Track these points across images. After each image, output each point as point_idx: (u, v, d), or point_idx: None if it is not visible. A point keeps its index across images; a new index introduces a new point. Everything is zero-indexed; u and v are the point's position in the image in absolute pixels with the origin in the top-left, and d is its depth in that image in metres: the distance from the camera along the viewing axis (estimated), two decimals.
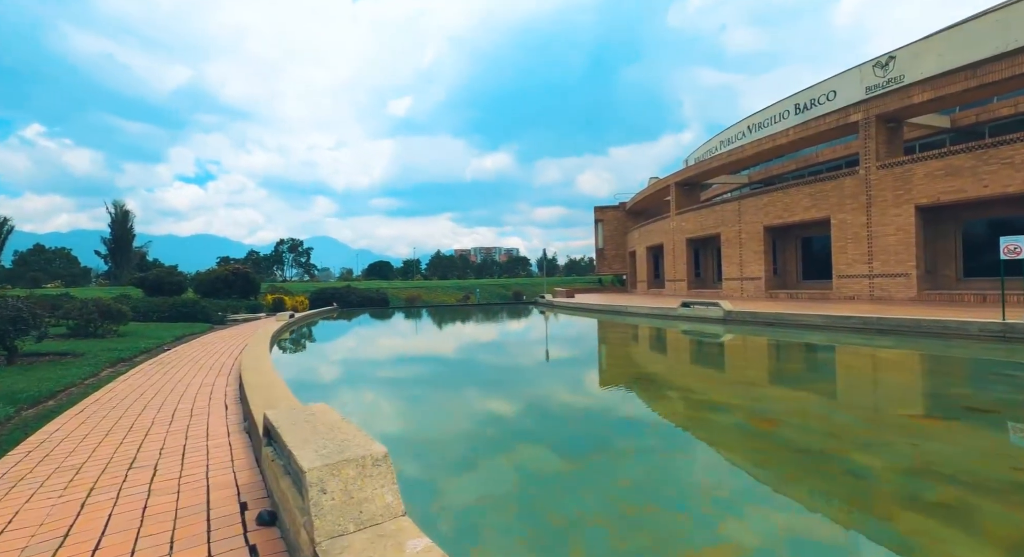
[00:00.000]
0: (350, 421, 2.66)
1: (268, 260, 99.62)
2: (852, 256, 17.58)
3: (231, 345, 10.85)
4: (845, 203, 17.76)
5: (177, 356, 9.28)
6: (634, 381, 7.17)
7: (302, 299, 28.65)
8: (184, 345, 11.08)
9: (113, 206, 53.56)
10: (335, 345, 13.27)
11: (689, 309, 14.60)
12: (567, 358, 9.54)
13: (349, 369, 9.17)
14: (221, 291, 25.69)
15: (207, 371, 7.36)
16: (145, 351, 10.10)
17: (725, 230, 24.48)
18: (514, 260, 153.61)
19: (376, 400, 6.73)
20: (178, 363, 8.27)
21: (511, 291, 76.83)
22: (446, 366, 9.38)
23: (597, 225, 46.19)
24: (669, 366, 8.26)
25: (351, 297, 36.35)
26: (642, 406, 5.93)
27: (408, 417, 5.81)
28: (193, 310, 17.11)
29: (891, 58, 20.83)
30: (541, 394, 6.49)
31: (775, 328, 11.53)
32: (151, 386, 6.22)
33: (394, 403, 6.52)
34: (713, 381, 7.00)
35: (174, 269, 30.63)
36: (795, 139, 20.15)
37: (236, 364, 7.96)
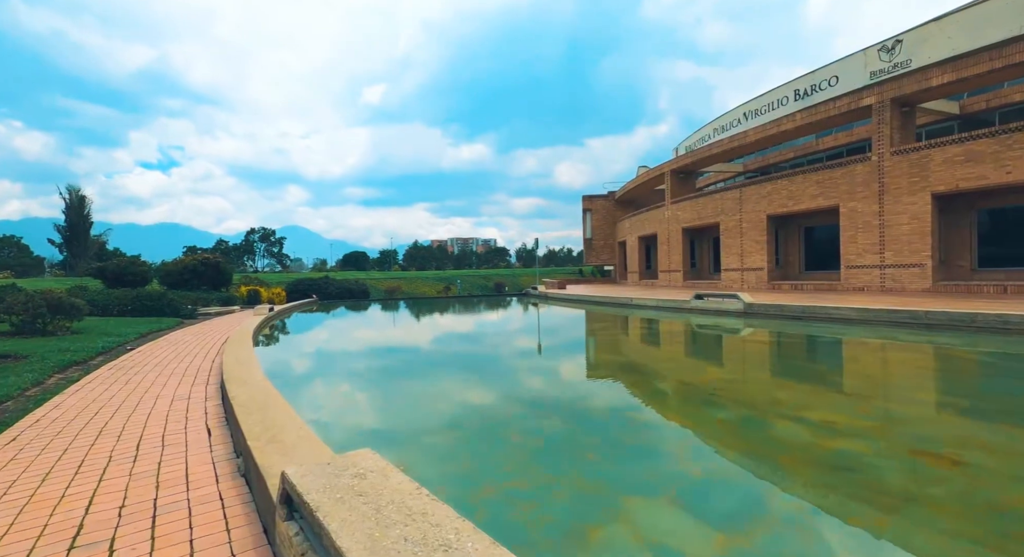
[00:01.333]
0: (422, 488, 1.69)
1: (238, 250, 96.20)
2: (862, 246, 17.17)
3: (206, 343, 9.63)
4: (856, 191, 17.31)
5: (142, 358, 8.06)
6: (698, 396, 5.79)
7: (279, 291, 27.13)
8: (150, 344, 9.81)
9: (68, 191, 50.31)
10: (326, 342, 12.06)
11: (703, 301, 13.90)
12: (594, 363, 8.31)
13: (353, 372, 8.00)
14: (190, 282, 24.02)
15: (180, 378, 6.22)
16: (104, 352, 8.83)
17: (725, 219, 23.95)
18: (493, 251, 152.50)
19: (395, 413, 5.67)
20: (143, 367, 7.09)
21: (493, 282, 75.86)
22: (454, 368, 8.39)
23: (585, 214, 45.48)
24: (727, 373, 7.07)
25: (330, 288, 34.83)
26: (738, 437, 4.21)
27: (439, 439, 4.84)
28: (159, 303, 15.65)
29: (897, 42, 20.43)
30: (574, 411, 5.41)
31: (804, 322, 10.86)
32: (109, 400, 5.08)
33: (416, 416, 5.50)
34: (802, 392, 5.79)
35: (137, 258, 28.64)
36: (802, 124, 19.61)
37: (215, 368, 6.83)
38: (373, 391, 6.81)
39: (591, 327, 14.01)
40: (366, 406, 6.02)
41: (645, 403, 5.61)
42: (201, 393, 5.32)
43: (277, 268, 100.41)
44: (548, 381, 7.03)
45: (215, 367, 6.99)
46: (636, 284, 34.73)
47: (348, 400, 6.30)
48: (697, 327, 11.80)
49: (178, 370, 6.79)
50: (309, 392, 6.69)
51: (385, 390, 6.76)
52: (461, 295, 39.06)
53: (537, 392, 6.36)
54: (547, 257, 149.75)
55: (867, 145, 22.69)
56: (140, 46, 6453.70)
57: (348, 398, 6.42)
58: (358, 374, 7.83)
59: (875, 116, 16.58)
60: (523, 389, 6.54)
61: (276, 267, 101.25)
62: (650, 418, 5.03)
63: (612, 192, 44.18)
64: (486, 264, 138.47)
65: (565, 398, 5.97)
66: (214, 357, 7.89)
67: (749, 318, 12.13)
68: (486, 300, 28.39)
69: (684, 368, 7.35)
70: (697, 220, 26.39)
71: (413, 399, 6.12)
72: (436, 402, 5.93)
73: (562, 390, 6.43)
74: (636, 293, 20.25)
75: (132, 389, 5.60)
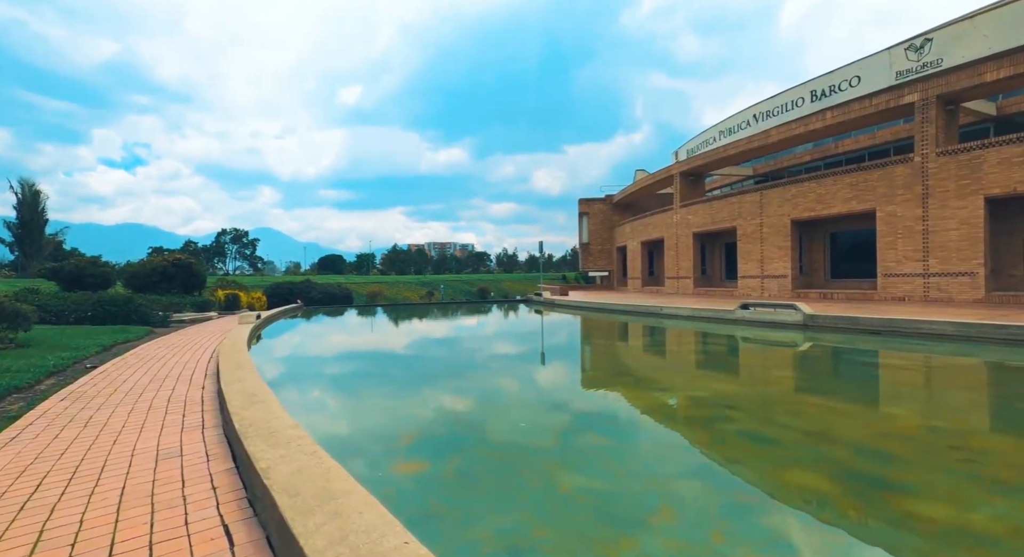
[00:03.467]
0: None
1: (208, 252, 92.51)
2: (902, 253, 16.30)
3: (188, 360, 7.91)
4: (895, 194, 16.46)
5: (107, 381, 6.34)
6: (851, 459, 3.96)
7: (259, 295, 25.09)
8: (116, 360, 8.04)
9: (20, 185, 46.89)
10: (349, 361, 10.14)
11: (749, 312, 12.71)
12: (663, 389, 6.75)
13: (416, 413, 5.81)
14: (159, 285, 21.86)
15: (161, 417, 4.60)
16: (56, 372, 7.07)
17: (743, 223, 23.02)
18: (473, 255, 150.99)
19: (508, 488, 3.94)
20: (109, 397, 5.41)
21: (476, 287, 74.48)
22: (506, 398, 6.86)
23: (582, 218, 44.37)
24: (858, 417, 5.22)
25: (312, 293, 32.82)
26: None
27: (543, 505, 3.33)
28: (125, 309, 13.71)
29: (927, 40, 19.83)
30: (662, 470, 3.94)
31: (883, 338, 9.70)
32: (58, 461, 3.45)
33: (517, 483, 3.94)
34: (980, 443, 4.30)
35: (98, 259, 26.23)
36: (832, 123, 18.78)
37: (210, 399, 5.20)
38: (460, 438, 4.87)
39: (632, 344, 12.18)
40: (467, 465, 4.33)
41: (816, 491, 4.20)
42: (197, 446, 3.72)
43: (248, 271, 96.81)
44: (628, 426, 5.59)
45: (208, 398, 5.36)
46: (639, 291, 33.66)
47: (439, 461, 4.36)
48: (758, 343, 10.50)
49: (158, 403, 5.14)
50: (368, 440, 4.95)
51: (476, 438, 4.90)
52: (460, 301, 37.42)
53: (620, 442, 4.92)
54: (528, 262, 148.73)
55: (891, 148, 22.11)
56: (105, 40, 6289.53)
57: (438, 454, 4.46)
58: (422, 412, 5.95)
59: (918, 114, 15.77)
60: (594, 429, 5.10)
61: (247, 270, 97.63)
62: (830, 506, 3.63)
63: (610, 195, 43.22)
64: (466, 269, 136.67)
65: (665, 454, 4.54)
66: (203, 382, 6.23)
67: (810, 332, 10.94)
68: (487, 307, 26.81)
69: (791, 405, 5.90)
70: (711, 224, 25.43)
71: (508, 460, 4.59)
72: (524, 454, 4.42)
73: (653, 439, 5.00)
74: (658, 301, 19.02)
75: (92, 438, 3.96)
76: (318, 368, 8.97)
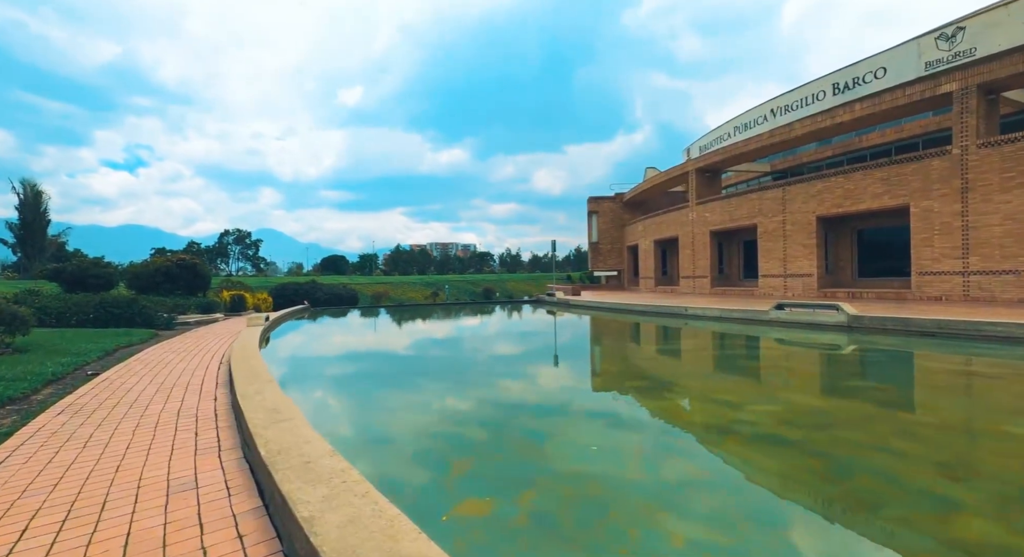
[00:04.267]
0: None
1: (211, 252, 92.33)
2: (939, 250, 15.63)
3: (197, 366, 7.38)
4: (932, 188, 15.80)
5: (110, 391, 5.81)
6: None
7: (265, 296, 24.62)
8: (119, 367, 7.52)
9: (22, 185, 46.59)
10: (360, 363, 9.45)
11: (784, 312, 12.08)
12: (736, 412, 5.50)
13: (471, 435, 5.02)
14: (162, 286, 21.43)
15: (171, 435, 4.04)
16: (55, 380, 6.55)
17: (764, 221, 22.37)
18: (476, 255, 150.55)
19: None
20: (112, 409, 4.87)
21: (481, 288, 73.81)
22: (554, 408, 6.29)
23: (591, 217, 43.75)
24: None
25: (317, 294, 32.38)
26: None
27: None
28: (129, 311, 13.21)
29: (959, 29, 19.16)
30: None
31: (938, 340, 9.07)
32: (53, 494, 2.90)
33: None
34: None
35: (100, 260, 25.82)
36: (861, 116, 18.12)
37: (224, 412, 4.65)
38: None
39: (669, 347, 11.30)
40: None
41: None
42: (214, 475, 3.16)
43: (251, 272, 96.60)
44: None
45: (223, 411, 4.81)
46: (652, 291, 33.02)
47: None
48: (809, 347, 9.78)
49: (166, 417, 4.59)
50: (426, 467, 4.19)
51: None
52: (467, 302, 36.90)
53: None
54: (532, 262, 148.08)
55: (920, 142, 21.42)
56: (106, 41, 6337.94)
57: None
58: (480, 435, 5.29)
59: (956, 104, 15.11)
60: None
61: (250, 271, 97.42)
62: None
63: (620, 193, 42.59)
64: (469, 269, 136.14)
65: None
66: (215, 391, 5.68)
67: (856, 334, 10.31)
68: (499, 308, 26.22)
69: (896, 425, 5.01)
70: (729, 222, 24.78)
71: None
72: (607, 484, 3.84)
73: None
74: (680, 301, 18.40)
75: (92, 463, 3.41)
76: (337, 376, 8.39)
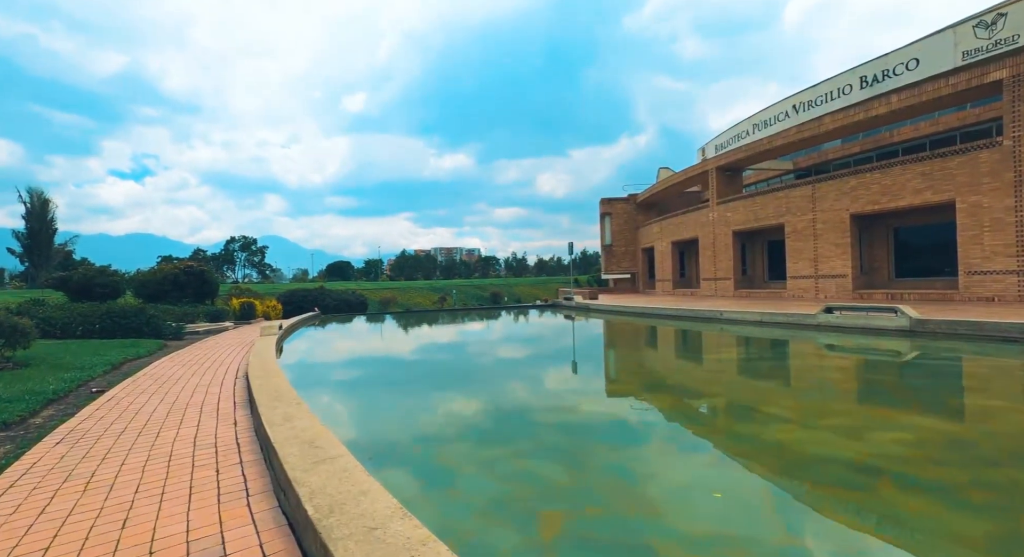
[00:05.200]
0: None
1: (217, 260, 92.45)
2: (990, 248, 14.81)
3: (207, 381, 6.74)
4: (980, 182, 14.99)
5: (115, 413, 5.18)
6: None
7: (274, 303, 24.08)
8: (127, 382, 6.90)
9: (29, 194, 46.59)
10: (391, 378, 8.53)
11: (835, 316, 11.31)
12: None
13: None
14: (170, 294, 20.96)
15: (188, 471, 3.38)
16: (56, 399, 5.96)
17: (792, 220, 21.58)
18: (482, 260, 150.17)
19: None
20: (118, 438, 4.22)
21: (489, 292, 73.29)
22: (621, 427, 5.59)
23: (604, 219, 43.02)
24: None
25: (327, 300, 31.90)
26: None
27: None
28: (136, 321, 12.66)
29: (1000, 15, 18.37)
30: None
31: (1022, 345, 8.31)
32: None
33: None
34: None
35: (107, 268, 25.42)
36: (898, 108, 17.33)
37: (248, 442, 3.98)
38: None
39: (724, 357, 10.02)
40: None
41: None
42: (244, 533, 2.49)
43: (257, 279, 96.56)
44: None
45: (245, 439, 4.16)
46: (670, 294, 32.23)
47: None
48: (870, 354, 9.01)
49: (181, 448, 3.94)
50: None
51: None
52: (480, 307, 36.25)
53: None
54: (538, 266, 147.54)
55: (957, 135, 20.59)
56: (112, 52, 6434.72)
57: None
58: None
59: (1008, 93, 14.32)
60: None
61: (256, 278, 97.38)
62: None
63: (633, 194, 41.86)
64: (475, 273, 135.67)
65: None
66: (233, 413, 5.03)
67: (921, 339, 9.53)
68: (516, 313, 25.51)
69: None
70: (753, 222, 24.00)
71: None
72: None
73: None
74: (711, 305, 17.64)
75: (94, 514, 2.75)
76: (369, 393, 7.65)
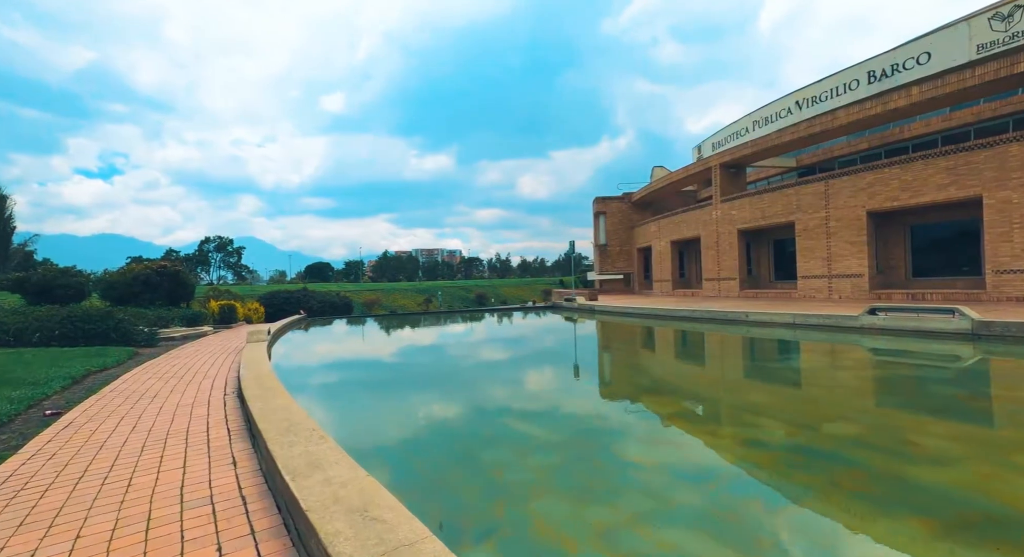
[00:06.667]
0: None
1: (191, 261, 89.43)
2: (1020, 245, 14.33)
3: (190, 399, 5.57)
4: (1009, 177, 14.52)
5: (73, 448, 4.02)
6: None
7: (255, 306, 22.66)
8: (90, 402, 5.70)
9: None
10: (416, 398, 7.46)
11: (880, 318, 10.57)
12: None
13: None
14: (141, 296, 19.43)
15: (177, 549, 2.30)
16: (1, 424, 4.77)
17: (803, 217, 21.03)
18: (466, 261, 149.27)
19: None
20: (75, 490, 3.09)
21: (474, 294, 72.22)
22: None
23: (598, 218, 42.31)
24: None
25: (311, 302, 30.46)
26: None
27: None
28: (102, 326, 11.31)
29: (1017, 7, 18.04)
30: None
31: None
32: None
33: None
34: None
35: (71, 269, 23.65)
36: (918, 101, 16.84)
37: (246, 480, 2.90)
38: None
39: (770, 365, 9.08)
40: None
41: None
42: None
43: (232, 280, 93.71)
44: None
45: (252, 486, 3.06)
46: (669, 294, 31.58)
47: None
48: (944, 362, 8.25)
49: (164, 507, 2.82)
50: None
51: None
52: (471, 310, 35.14)
53: None
54: (521, 267, 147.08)
55: (971, 130, 20.26)
56: (79, 47, 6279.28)
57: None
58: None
59: None
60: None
61: (231, 279, 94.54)
62: None
63: (628, 193, 41.27)
64: (458, 275, 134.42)
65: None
66: (228, 447, 3.91)
67: (987, 344, 8.80)
68: (513, 315, 24.47)
69: None
70: (761, 220, 23.42)
71: None
72: None
73: None
74: (729, 306, 16.87)
75: None
76: (401, 418, 6.50)
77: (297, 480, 2.64)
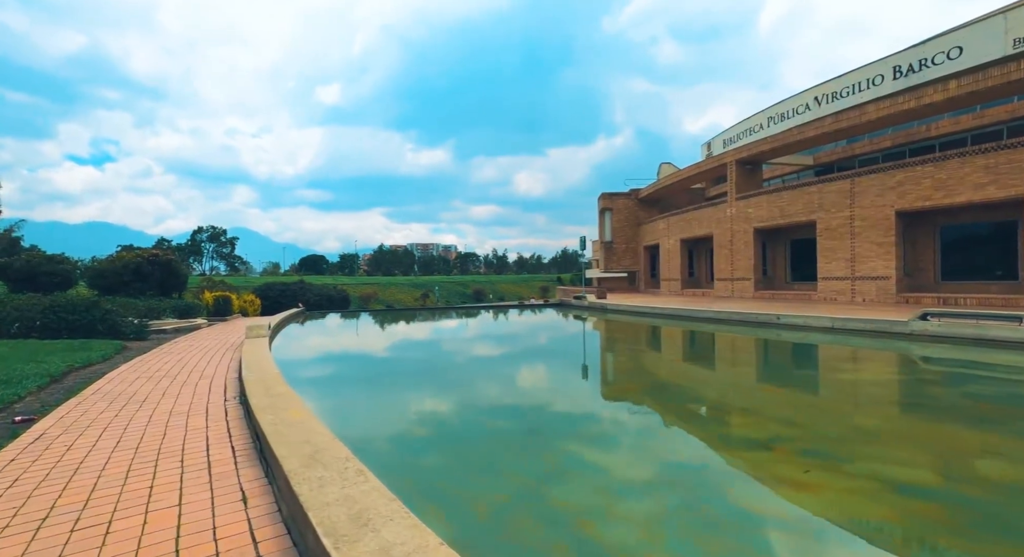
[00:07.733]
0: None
1: (183, 251, 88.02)
2: None
3: (185, 404, 4.76)
4: None
5: (42, 470, 3.21)
6: None
7: (251, 298, 21.80)
8: (68, 406, 4.89)
9: None
10: (454, 404, 6.45)
11: (932, 323, 9.86)
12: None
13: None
14: (131, 285, 18.55)
15: None
16: None
17: (825, 216, 20.33)
18: (462, 256, 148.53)
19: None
20: (38, 535, 2.30)
21: (471, 289, 71.19)
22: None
23: (603, 215, 41.51)
24: None
25: (307, 295, 29.60)
26: None
27: None
28: (88, 317, 10.45)
29: None
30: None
31: None
32: None
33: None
34: None
35: (59, 255, 22.71)
36: (956, 95, 16.13)
37: (258, 521, 2.13)
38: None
39: (835, 377, 8.17)
40: None
41: None
42: None
43: (225, 271, 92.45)
44: None
45: (270, 540, 2.27)
46: (677, 294, 30.88)
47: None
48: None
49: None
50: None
51: None
52: (472, 305, 34.35)
53: None
54: (518, 264, 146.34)
55: (1004, 128, 19.59)
56: (70, 31, 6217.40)
57: None
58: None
59: None
60: None
61: (223, 270, 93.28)
62: None
63: (635, 189, 40.47)
64: (455, 270, 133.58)
65: None
66: (235, 471, 3.11)
67: None
68: (519, 312, 23.68)
69: None
70: (779, 219, 22.71)
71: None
72: None
73: None
74: (755, 307, 16.17)
75: None
76: (424, 423, 5.69)
77: (341, 549, 1.87)
